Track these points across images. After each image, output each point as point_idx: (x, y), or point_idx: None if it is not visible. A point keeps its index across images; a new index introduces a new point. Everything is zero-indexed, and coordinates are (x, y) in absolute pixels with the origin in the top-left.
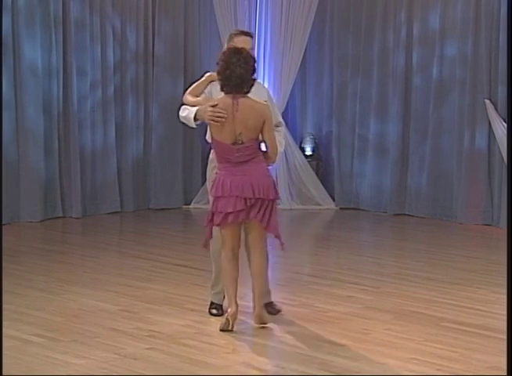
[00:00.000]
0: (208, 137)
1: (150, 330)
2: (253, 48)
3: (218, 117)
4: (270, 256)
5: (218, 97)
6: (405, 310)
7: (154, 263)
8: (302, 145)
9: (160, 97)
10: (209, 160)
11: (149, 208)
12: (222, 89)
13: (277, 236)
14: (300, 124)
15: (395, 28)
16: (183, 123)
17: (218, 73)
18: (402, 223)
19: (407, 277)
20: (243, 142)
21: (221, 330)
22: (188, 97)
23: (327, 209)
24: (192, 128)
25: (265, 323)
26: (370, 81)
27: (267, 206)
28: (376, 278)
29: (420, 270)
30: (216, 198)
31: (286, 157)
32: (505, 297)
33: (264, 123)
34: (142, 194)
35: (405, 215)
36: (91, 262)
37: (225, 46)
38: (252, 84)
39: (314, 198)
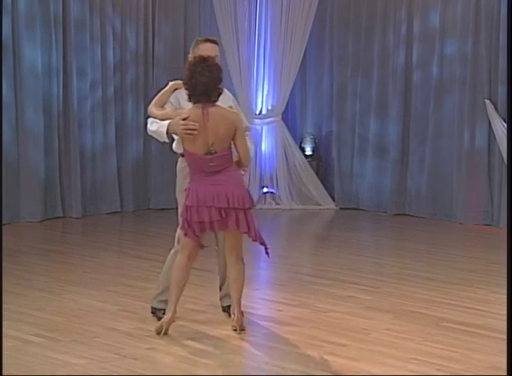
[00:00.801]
0: (175, 147)
1: (150, 330)
2: (218, 56)
3: (191, 129)
4: (270, 256)
5: (188, 108)
6: (405, 310)
7: (154, 263)
8: (302, 145)
9: None
10: (178, 169)
11: (149, 208)
12: (189, 99)
13: (262, 243)
14: (300, 124)
15: (395, 28)
16: (152, 136)
17: (184, 82)
18: (402, 223)
19: (407, 277)
20: (216, 152)
21: (157, 334)
22: (153, 110)
23: (327, 209)
24: (164, 142)
25: (244, 329)
26: (370, 80)
27: (244, 215)
28: (376, 278)
29: (420, 270)
30: (189, 208)
31: (286, 157)
32: (505, 297)
33: (235, 131)
34: (142, 194)
35: (405, 215)
36: (91, 262)
37: (191, 53)
38: (219, 93)
39: (314, 198)
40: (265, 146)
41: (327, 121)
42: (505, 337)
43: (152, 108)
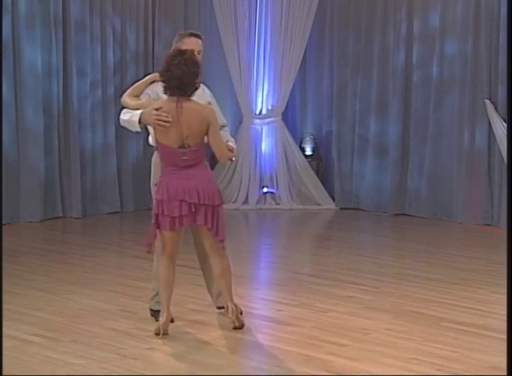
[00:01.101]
0: (151, 141)
1: (150, 330)
2: (201, 51)
3: (164, 120)
4: (270, 256)
5: (162, 100)
6: (405, 310)
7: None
8: (302, 145)
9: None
10: (153, 164)
11: (149, 208)
12: (164, 91)
13: (221, 241)
14: (300, 124)
15: (395, 28)
16: (124, 127)
17: (160, 74)
18: (402, 223)
19: (407, 277)
20: (189, 146)
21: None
22: (127, 100)
23: (327, 209)
24: (137, 132)
25: (242, 325)
26: (370, 80)
27: (213, 211)
28: (376, 278)
29: (420, 270)
30: (160, 201)
31: (286, 157)
32: (505, 297)
33: (208, 126)
34: (142, 194)
35: (405, 215)
36: (91, 262)
37: (173, 47)
38: (194, 88)
39: (314, 198)
40: (264, 146)
41: (327, 121)
42: (505, 337)
43: (125, 98)
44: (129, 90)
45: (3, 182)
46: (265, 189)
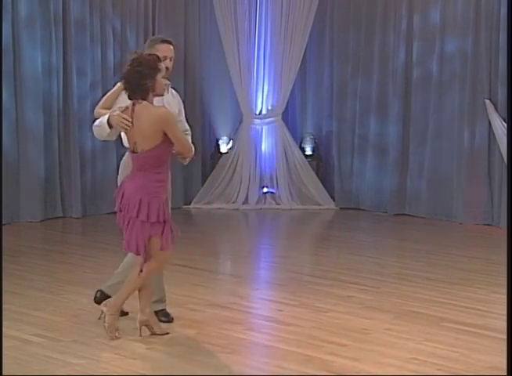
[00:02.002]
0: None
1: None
2: (173, 57)
3: (123, 122)
4: (270, 256)
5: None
6: (406, 310)
7: None
8: (302, 145)
9: None
10: (123, 161)
11: None
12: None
13: (137, 254)
14: (300, 124)
15: (395, 28)
16: (97, 136)
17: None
18: (402, 223)
19: (407, 277)
20: (137, 152)
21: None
22: (100, 110)
23: (327, 209)
24: (108, 136)
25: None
26: (370, 80)
27: (129, 220)
28: (376, 278)
29: (420, 270)
30: None
31: (286, 157)
32: (505, 297)
33: (165, 130)
34: None
35: (405, 215)
36: (91, 262)
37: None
38: (143, 90)
39: (314, 198)
40: (264, 146)
41: (327, 120)
42: (505, 337)
43: (98, 109)
44: (101, 102)
45: (3, 182)
46: (265, 189)
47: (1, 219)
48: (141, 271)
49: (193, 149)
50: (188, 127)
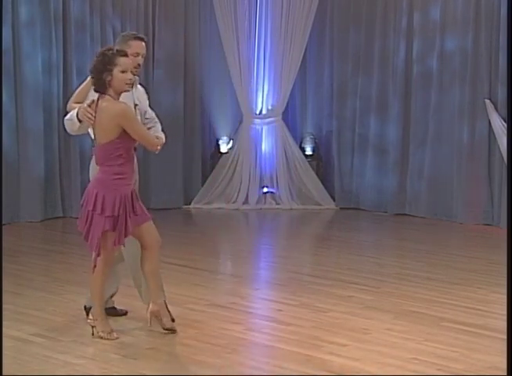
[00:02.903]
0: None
1: (150, 330)
2: (144, 54)
3: (87, 115)
4: (270, 256)
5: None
6: (406, 310)
7: None
8: (302, 145)
9: (160, 98)
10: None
11: (149, 208)
12: None
13: (92, 251)
14: (300, 124)
15: (395, 28)
16: (69, 130)
17: None
18: (402, 223)
19: (407, 277)
20: (95, 145)
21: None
22: (72, 105)
23: (327, 209)
24: (80, 130)
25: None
26: (370, 80)
27: (85, 215)
28: (376, 278)
29: (420, 270)
30: None
31: (286, 157)
32: (505, 297)
33: (123, 126)
34: (142, 194)
35: (405, 215)
36: (91, 262)
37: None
38: (101, 85)
39: (314, 198)
40: (264, 146)
41: (327, 120)
42: (505, 337)
43: (70, 103)
44: (73, 96)
45: (3, 182)
46: (265, 189)
47: (1, 219)
48: (94, 267)
49: (162, 139)
50: (153, 114)
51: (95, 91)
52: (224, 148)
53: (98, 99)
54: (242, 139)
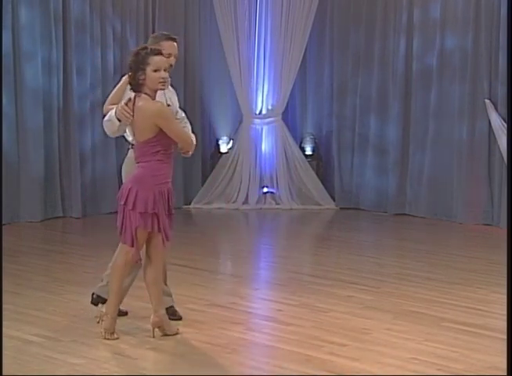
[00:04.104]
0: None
1: (150, 330)
2: (177, 54)
3: (124, 114)
4: (270, 256)
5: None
6: (406, 310)
7: None
8: (302, 145)
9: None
10: (127, 159)
11: None
12: None
13: (130, 246)
14: (300, 124)
15: (395, 28)
16: (108, 132)
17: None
18: (402, 223)
19: (407, 277)
20: (133, 144)
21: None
22: (108, 107)
23: (327, 209)
24: (120, 129)
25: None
26: (371, 80)
27: (122, 211)
28: (376, 278)
29: (421, 270)
30: None
31: (286, 157)
32: (505, 297)
33: (159, 125)
34: None
35: (405, 215)
36: (91, 262)
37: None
38: (137, 83)
39: (314, 198)
40: (264, 146)
41: (327, 120)
42: (505, 337)
43: (106, 105)
44: (109, 98)
45: (3, 182)
46: (265, 189)
47: (1, 219)
48: (140, 260)
49: (194, 140)
50: (184, 115)
51: (132, 90)
52: (224, 148)
53: (135, 98)
54: (242, 139)
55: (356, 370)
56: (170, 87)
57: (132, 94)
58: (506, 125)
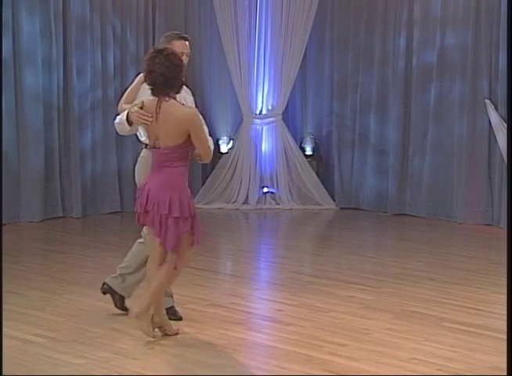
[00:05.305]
0: (139, 136)
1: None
2: (189, 53)
3: (143, 118)
4: (270, 256)
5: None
6: (406, 310)
7: None
8: (302, 145)
9: None
10: (139, 160)
11: None
12: (152, 92)
13: (175, 252)
14: (300, 124)
15: (396, 28)
16: (120, 132)
17: (144, 77)
18: (402, 223)
19: (407, 277)
20: (159, 148)
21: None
22: (123, 106)
23: (327, 209)
24: (132, 132)
25: (170, 334)
26: (371, 81)
27: (160, 219)
28: (376, 278)
29: (421, 270)
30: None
31: (286, 157)
32: (505, 297)
33: (190, 131)
34: None
35: (405, 214)
36: (91, 262)
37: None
38: (180, 84)
39: (314, 198)
40: (264, 146)
41: (327, 120)
42: (505, 337)
43: (121, 104)
44: (124, 96)
45: (3, 182)
46: (265, 189)
47: (1, 219)
48: (175, 268)
49: (212, 149)
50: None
51: (160, 93)
52: (224, 148)
53: (159, 102)
54: (242, 139)
55: (356, 370)
56: (184, 86)
57: (145, 97)
58: (505, 125)
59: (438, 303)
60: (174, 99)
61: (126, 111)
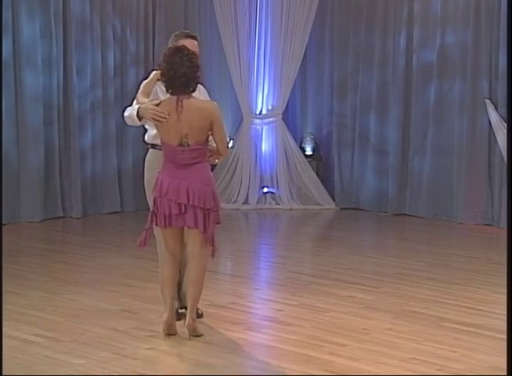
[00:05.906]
0: (147, 138)
1: (150, 330)
2: (197, 51)
3: (159, 115)
4: (270, 256)
5: (165, 98)
6: (406, 310)
7: (154, 263)
8: (302, 145)
9: (160, 98)
10: (147, 162)
11: (149, 208)
12: (168, 91)
13: (211, 244)
14: (300, 124)
15: (396, 28)
16: (129, 124)
17: (162, 74)
18: (402, 223)
19: (407, 277)
20: (188, 145)
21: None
22: (140, 97)
23: (327, 209)
24: (142, 126)
25: (198, 335)
26: (371, 81)
27: (204, 214)
28: (376, 278)
29: (421, 270)
30: (155, 198)
31: (286, 157)
32: (505, 297)
33: (212, 124)
34: (142, 194)
35: (405, 215)
36: (91, 262)
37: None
38: (197, 82)
39: (314, 198)
40: (264, 146)
41: (327, 120)
42: (505, 337)
43: (138, 95)
44: (140, 89)
45: (3, 182)
46: (265, 189)
47: (1, 219)
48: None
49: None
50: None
51: (180, 91)
52: None
53: (180, 100)
54: (242, 139)
55: (356, 370)
56: (201, 87)
57: (157, 97)
58: (505, 125)
59: (438, 303)
60: (191, 96)
61: (137, 106)
